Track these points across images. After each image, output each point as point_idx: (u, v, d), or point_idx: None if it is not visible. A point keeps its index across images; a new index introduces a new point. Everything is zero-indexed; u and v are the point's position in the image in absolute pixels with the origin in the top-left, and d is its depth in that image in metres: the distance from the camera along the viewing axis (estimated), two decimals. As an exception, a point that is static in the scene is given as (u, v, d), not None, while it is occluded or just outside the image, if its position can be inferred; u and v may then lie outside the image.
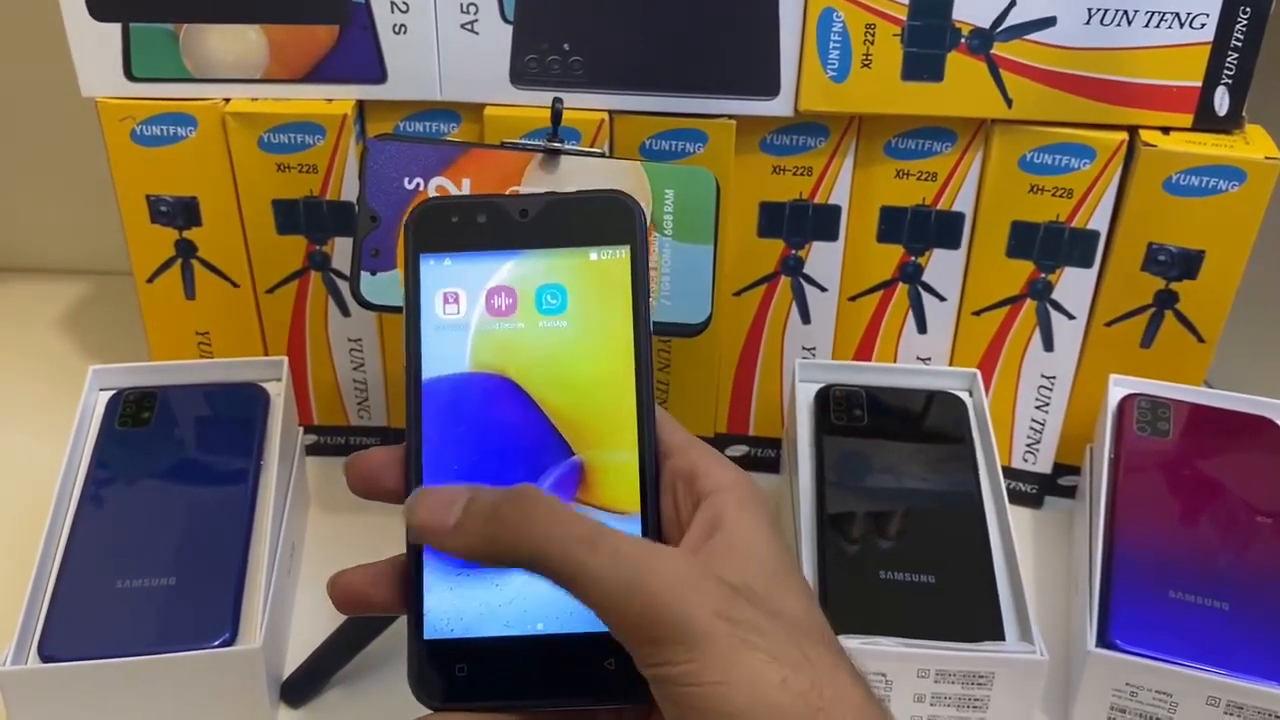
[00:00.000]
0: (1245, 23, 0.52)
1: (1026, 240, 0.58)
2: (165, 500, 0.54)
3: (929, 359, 0.63)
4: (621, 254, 0.35)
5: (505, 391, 0.34)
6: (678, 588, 0.30)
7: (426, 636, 0.33)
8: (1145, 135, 0.55)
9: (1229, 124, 0.55)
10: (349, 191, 0.57)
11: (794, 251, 0.60)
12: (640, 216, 0.35)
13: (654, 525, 0.34)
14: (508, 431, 0.34)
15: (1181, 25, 0.53)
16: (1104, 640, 0.50)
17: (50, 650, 0.48)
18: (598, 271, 0.35)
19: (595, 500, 0.34)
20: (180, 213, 0.59)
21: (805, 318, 0.62)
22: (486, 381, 0.34)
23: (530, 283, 0.35)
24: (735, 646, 0.29)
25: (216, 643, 0.48)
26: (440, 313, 0.35)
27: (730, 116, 0.56)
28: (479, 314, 0.35)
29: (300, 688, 0.53)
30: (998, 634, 0.50)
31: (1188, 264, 0.57)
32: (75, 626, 0.49)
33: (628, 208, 0.35)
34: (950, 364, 0.62)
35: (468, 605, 0.33)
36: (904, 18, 0.53)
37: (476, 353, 0.34)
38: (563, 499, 0.34)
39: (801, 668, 0.30)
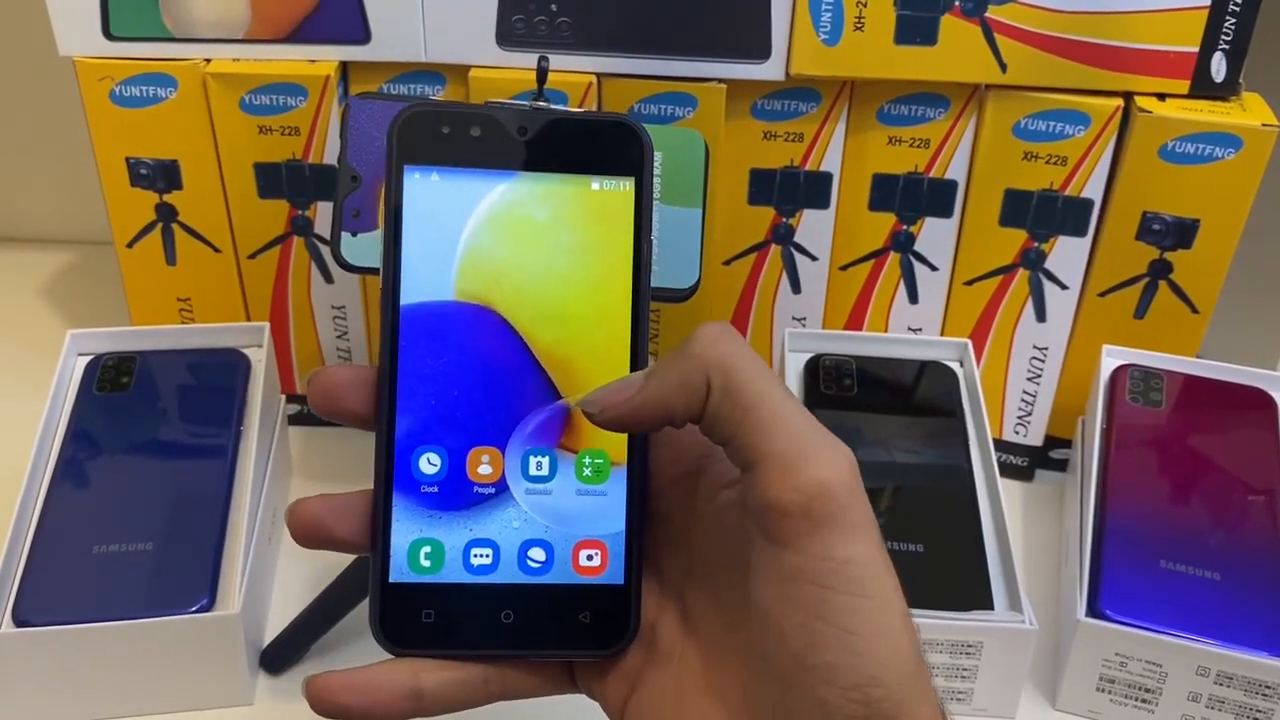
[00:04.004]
0: (1243, -13, 0.52)
1: (1020, 208, 0.57)
2: (143, 466, 0.53)
3: (920, 329, 0.62)
4: (626, 186, 0.33)
5: (490, 325, 0.33)
6: (851, 478, 0.29)
7: (392, 580, 0.32)
8: (1141, 101, 0.54)
9: (1226, 90, 0.54)
10: (331, 155, 0.56)
11: (784, 219, 0.59)
12: (649, 147, 0.33)
13: (640, 479, 0.33)
14: (491, 368, 0.32)
15: (1179, -11, 0.52)
16: (1094, 610, 0.49)
17: (24, 615, 0.47)
18: (599, 203, 0.33)
19: (581, 448, 0.33)
20: (160, 176, 0.58)
21: (795, 287, 0.61)
22: (470, 312, 0.32)
23: (523, 209, 0.33)
24: (884, 556, 0.29)
25: (194, 608, 0.48)
26: (423, 233, 0.32)
27: (720, 80, 0.55)
28: (466, 238, 0.32)
29: (280, 655, 0.52)
30: (986, 604, 0.49)
31: (1182, 233, 0.56)
32: (50, 591, 0.48)
33: (636, 135, 0.33)
34: (941, 334, 0.62)
35: (438, 548, 0.32)
36: (897, -21, 0.52)
37: (461, 280, 0.32)
38: (545, 446, 0.33)
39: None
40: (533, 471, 0.33)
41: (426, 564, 0.32)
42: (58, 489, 0.51)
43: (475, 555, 0.32)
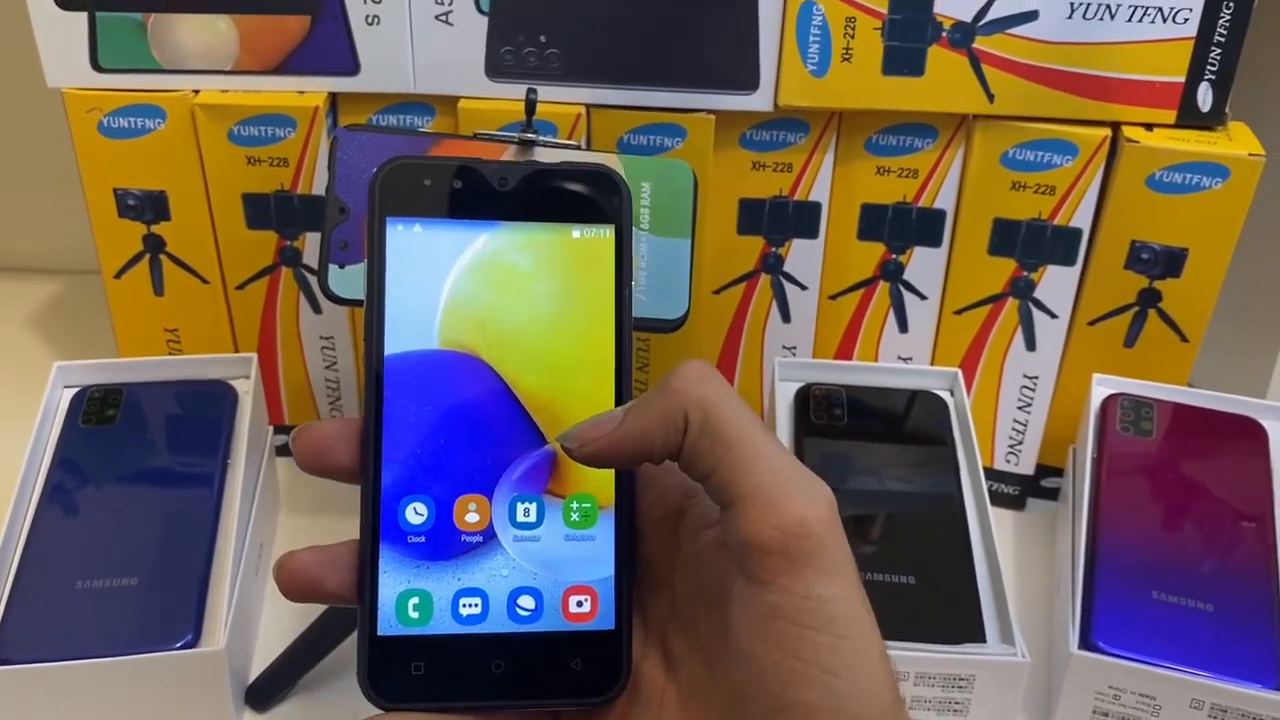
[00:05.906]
0: (1228, 18, 0.52)
1: (1008, 238, 0.57)
2: (129, 499, 0.52)
3: (910, 358, 0.62)
4: (606, 234, 0.33)
5: (475, 372, 0.33)
6: (830, 515, 0.29)
7: (380, 633, 0.31)
8: (1128, 131, 0.54)
9: (1212, 120, 0.54)
10: (320, 186, 0.56)
11: (774, 249, 0.59)
12: (628, 195, 0.33)
13: (628, 522, 0.33)
14: (476, 416, 0.32)
15: (1164, 20, 0.52)
16: (1086, 642, 0.49)
17: (6, 652, 0.46)
18: (580, 250, 0.33)
19: (568, 493, 0.33)
20: (148, 207, 0.58)
21: (785, 316, 0.61)
22: (455, 360, 0.33)
23: (506, 258, 0.33)
24: (861, 595, 0.29)
25: (179, 644, 0.47)
26: (406, 283, 0.32)
27: (709, 111, 0.55)
28: (449, 287, 0.33)
29: (265, 691, 0.51)
30: (979, 636, 0.49)
31: (1171, 262, 0.56)
32: (33, 627, 0.47)
33: (615, 184, 0.33)
34: (931, 363, 0.62)
35: (426, 599, 0.32)
36: (885, 11, 0.52)
37: (445, 329, 0.33)
38: (532, 492, 0.33)
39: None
40: (520, 518, 0.33)
41: (415, 615, 0.32)
42: (42, 523, 0.51)
43: (464, 605, 0.32)
